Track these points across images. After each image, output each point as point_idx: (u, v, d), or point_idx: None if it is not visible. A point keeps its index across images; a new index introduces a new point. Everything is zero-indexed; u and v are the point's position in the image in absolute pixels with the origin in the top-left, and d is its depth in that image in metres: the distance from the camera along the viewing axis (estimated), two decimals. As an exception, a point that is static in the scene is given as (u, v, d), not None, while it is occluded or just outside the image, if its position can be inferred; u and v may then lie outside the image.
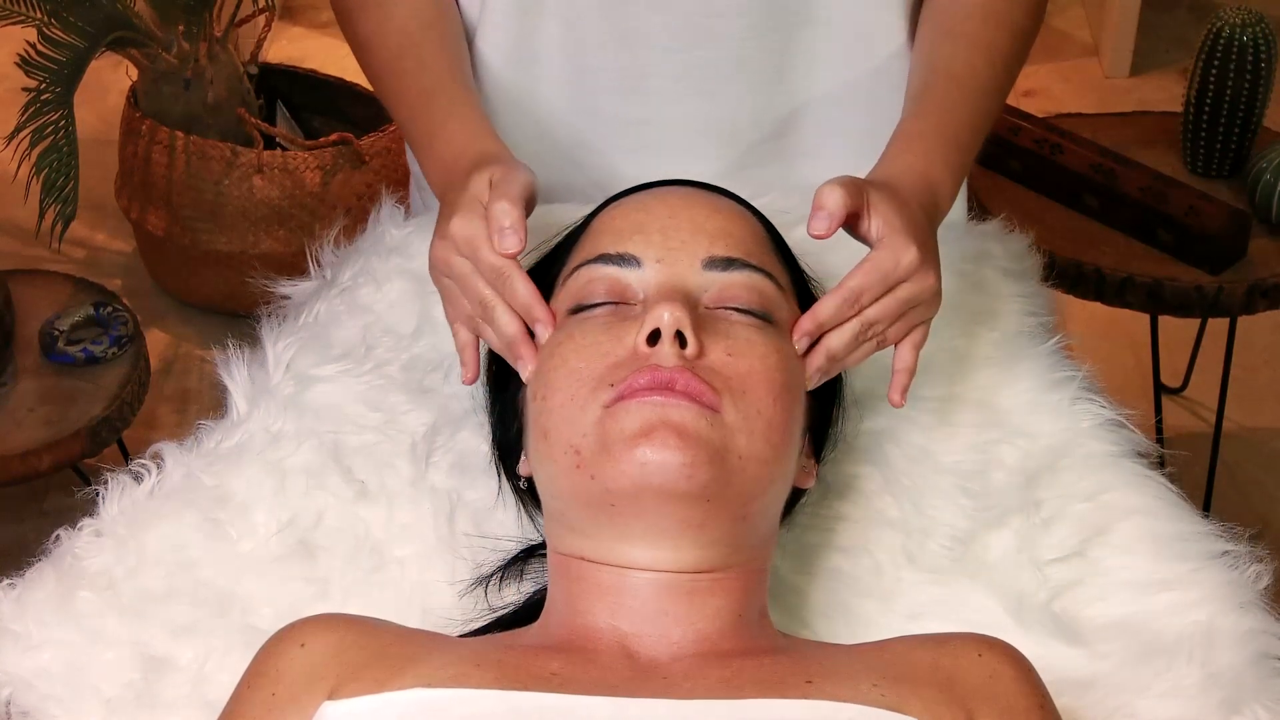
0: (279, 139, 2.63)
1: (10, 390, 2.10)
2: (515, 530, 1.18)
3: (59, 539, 1.17)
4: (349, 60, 1.38)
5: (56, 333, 2.14)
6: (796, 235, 1.17)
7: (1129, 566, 1.17)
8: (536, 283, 1.08)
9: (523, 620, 1.09)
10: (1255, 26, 2.13)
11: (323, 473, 1.20)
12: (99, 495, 1.19)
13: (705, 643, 1.01)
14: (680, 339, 1.01)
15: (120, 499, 1.19)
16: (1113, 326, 2.56)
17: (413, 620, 1.10)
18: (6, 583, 1.14)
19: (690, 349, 1.01)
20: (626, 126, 1.36)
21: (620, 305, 1.07)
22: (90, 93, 2.62)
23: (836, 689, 0.97)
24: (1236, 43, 2.12)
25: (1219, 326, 2.35)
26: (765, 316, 1.06)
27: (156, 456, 1.22)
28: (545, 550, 1.09)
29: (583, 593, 1.03)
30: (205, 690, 1.09)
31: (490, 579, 1.14)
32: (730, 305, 1.06)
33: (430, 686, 0.96)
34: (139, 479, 1.20)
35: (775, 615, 1.08)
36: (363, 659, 0.99)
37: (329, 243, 1.37)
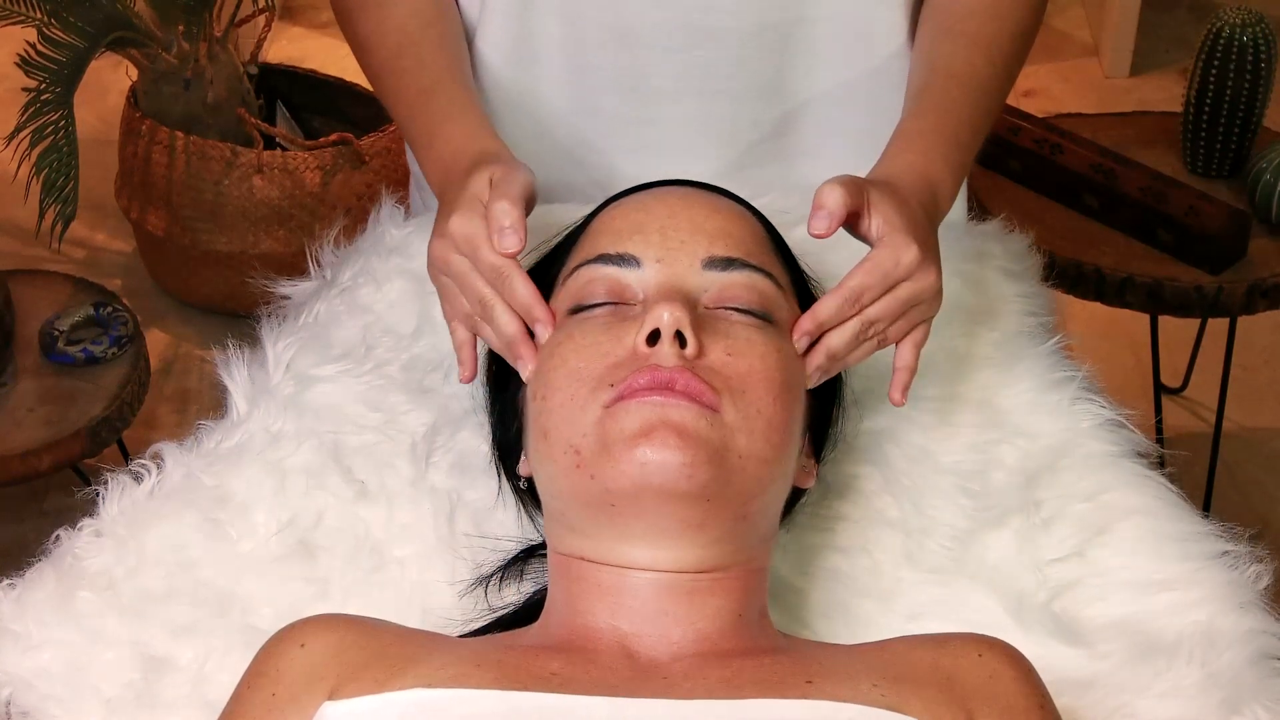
0: (279, 139, 2.63)
1: (10, 390, 2.10)
2: (515, 530, 1.18)
3: (59, 539, 1.17)
4: (349, 60, 1.38)
5: (56, 333, 2.14)
6: (796, 235, 1.17)
7: (1129, 566, 1.16)
8: (536, 283, 1.08)
9: (523, 620, 1.09)
10: (1255, 26, 2.13)
11: (323, 473, 1.20)
12: (99, 495, 1.19)
13: (705, 643, 1.01)
14: (680, 339, 1.01)
15: (120, 499, 1.19)
16: (1113, 326, 2.56)
17: (413, 620, 1.10)
18: (6, 583, 1.14)
19: (690, 349, 1.01)
20: (626, 126, 1.36)
21: (620, 305, 1.06)
22: (90, 93, 2.62)
23: (836, 689, 0.97)
24: (1236, 43, 2.12)
25: (1219, 326, 2.35)
26: (765, 316, 1.06)
27: (156, 456, 1.22)
28: (545, 550, 1.09)
29: (583, 593, 1.03)
30: (205, 690, 1.09)
31: (490, 579, 1.14)
32: (730, 305, 1.06)
33: (430, 687, 0.96)
34: (139, 479, 1.20)
35: (775, 615, 1.08)
36: (363, 659, 0.99)
37: (329, 243, 1.37)
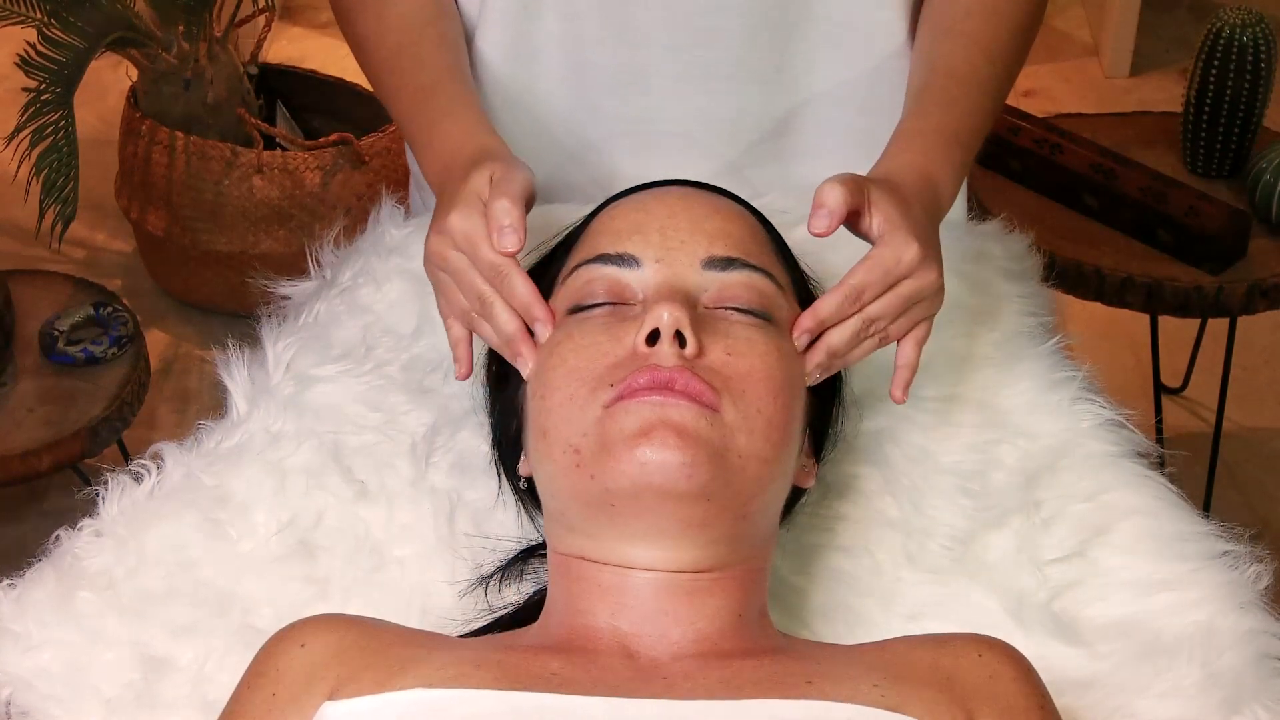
0: (279, 139, 2.63)
1: (10, 390, 2.10)
2: (515, 530, 1.18)
3: (59, 539, 1.17)
4: (349, 60, 1.38)
5: (56, 333, 2.14)
6: (797, 235, 1.17)
7: (1129, 566, 1.16)
8: (535, 282, 1.08)
9: (523, 620, 1.09)
10: (1255, 26, 2.13)
11: (323, 473, 1.20)
12: (99, 495, 1.19)
13: (705, 643, 1.01)
14: (680, 339, 1.01)
15: (120, 499, 1.19)
16: (1113, 326, 2.56)
17: (413, 620, 1.10)
18: (6, 583, 1.14)
19: (689, 349, 1.01)
20: (626, 125, 1.36)
21: (619, 305, 1.06)
22: (90, 93, 2.62)
23: (836, 689, 0.97)
24: (1236, 43, 2.12)
25: (1219, 326, 2.35)
26: (765, 316, 1.06)
27: (156, 456, 1.22)
28: (545, 550, 1.09)
29: (583, 593, 1.03)
30: (205, 690, 1.09)
31: (490, 579, 1.14)
32: (730, 305, 1.06)
33: (430, 687, 0.96)
34: (139, 479, 1.20)
35: (775, 615, 1.08)
36: (363, 659, 0.99)
37: (329, 243, 1.37)
